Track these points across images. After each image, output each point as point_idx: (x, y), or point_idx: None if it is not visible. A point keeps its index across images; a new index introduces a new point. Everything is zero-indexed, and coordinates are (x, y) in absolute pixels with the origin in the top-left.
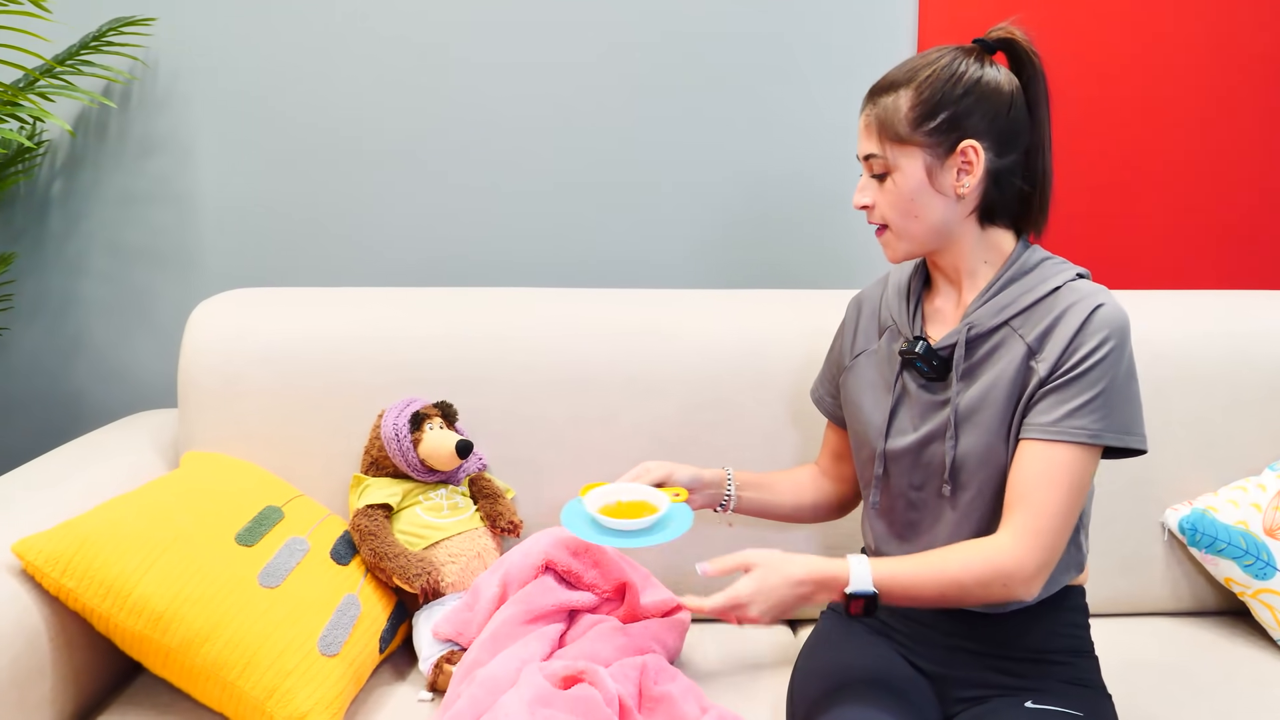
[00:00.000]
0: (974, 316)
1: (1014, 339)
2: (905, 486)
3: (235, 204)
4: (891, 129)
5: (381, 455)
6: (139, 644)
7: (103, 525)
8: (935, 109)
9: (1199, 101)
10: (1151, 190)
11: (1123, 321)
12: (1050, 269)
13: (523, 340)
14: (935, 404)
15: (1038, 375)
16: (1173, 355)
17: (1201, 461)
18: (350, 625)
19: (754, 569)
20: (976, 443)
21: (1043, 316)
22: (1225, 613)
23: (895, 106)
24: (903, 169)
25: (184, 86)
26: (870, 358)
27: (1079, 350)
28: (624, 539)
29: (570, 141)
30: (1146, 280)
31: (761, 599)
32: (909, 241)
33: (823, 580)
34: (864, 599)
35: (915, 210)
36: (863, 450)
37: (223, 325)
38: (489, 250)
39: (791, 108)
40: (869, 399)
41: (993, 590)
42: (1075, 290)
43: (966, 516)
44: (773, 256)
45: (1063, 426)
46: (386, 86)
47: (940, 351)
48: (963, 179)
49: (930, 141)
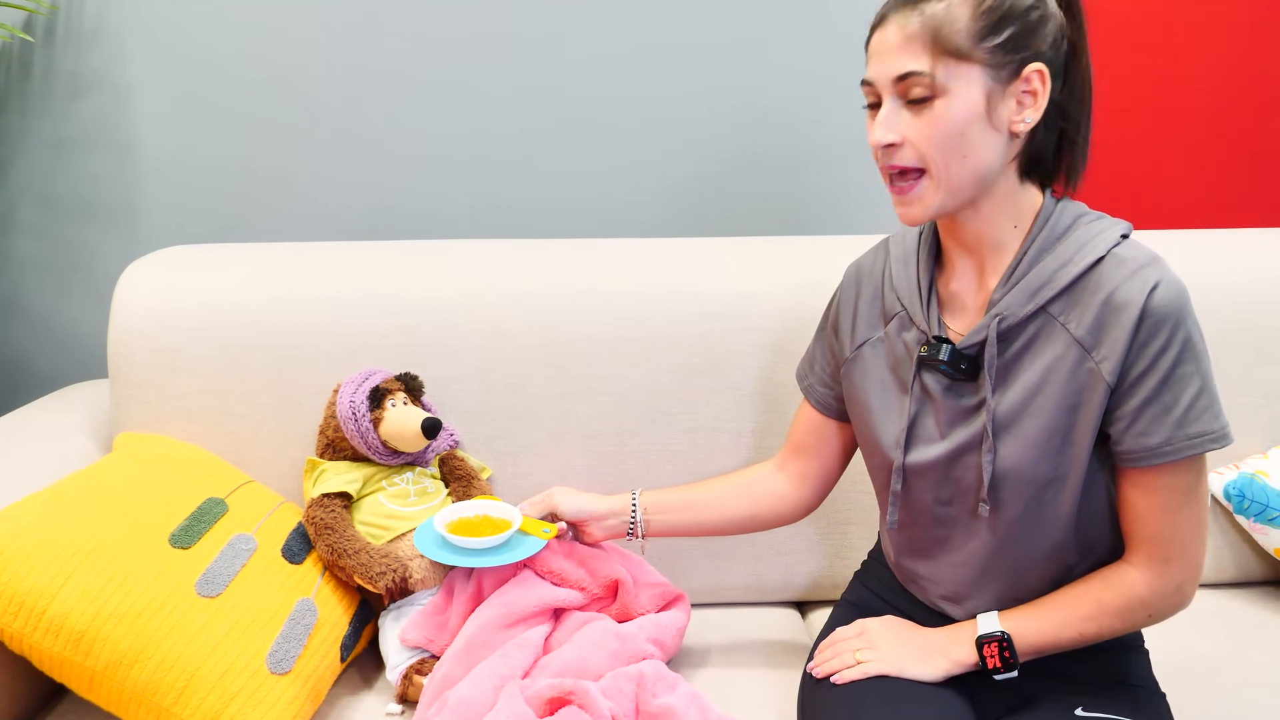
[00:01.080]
0: (1002, 304)
1: (1055, 329)
2: (930, 502)
3: (178, 150)
4: (948, 40)
5: (338, 436)
6: (59, 666)
7: (13, 530)
8: (1003, 20)
9: (1228, 19)
10: (1185, 116)
11: (1184, 298)
12: (1086, 232)
13: (495, 300)
14: (966, 409)
15: (1104, 382)
16: (1217, 302)
17: (1250, 421)
18: (305, 636)
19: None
20: (1022, 455)
21: (1088, 301)
22: (1270, 583)
23: (951, 14)
24: (957, 93)
25: (114, 19)
26: (876, 348)
27: (1150, 348)
28: (470, 557)
29: (531, 78)
30: (1177, 216)
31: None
32: (947, 193)
33: (951, 632)
34: (996, 641)
35: (965, 148)
36: (875, 458)
37: (157, 289)
38: (451, 199)
39: (786, 29)
40: (879, 401)
41: (1139, 619)
42: (1121, 263)
43: (1010, 537)
44: (767, 198)
45: (1177, 444)
46: (336, 19)
47: (967, 351)
48: (1024, 112)
49: (996, 60)
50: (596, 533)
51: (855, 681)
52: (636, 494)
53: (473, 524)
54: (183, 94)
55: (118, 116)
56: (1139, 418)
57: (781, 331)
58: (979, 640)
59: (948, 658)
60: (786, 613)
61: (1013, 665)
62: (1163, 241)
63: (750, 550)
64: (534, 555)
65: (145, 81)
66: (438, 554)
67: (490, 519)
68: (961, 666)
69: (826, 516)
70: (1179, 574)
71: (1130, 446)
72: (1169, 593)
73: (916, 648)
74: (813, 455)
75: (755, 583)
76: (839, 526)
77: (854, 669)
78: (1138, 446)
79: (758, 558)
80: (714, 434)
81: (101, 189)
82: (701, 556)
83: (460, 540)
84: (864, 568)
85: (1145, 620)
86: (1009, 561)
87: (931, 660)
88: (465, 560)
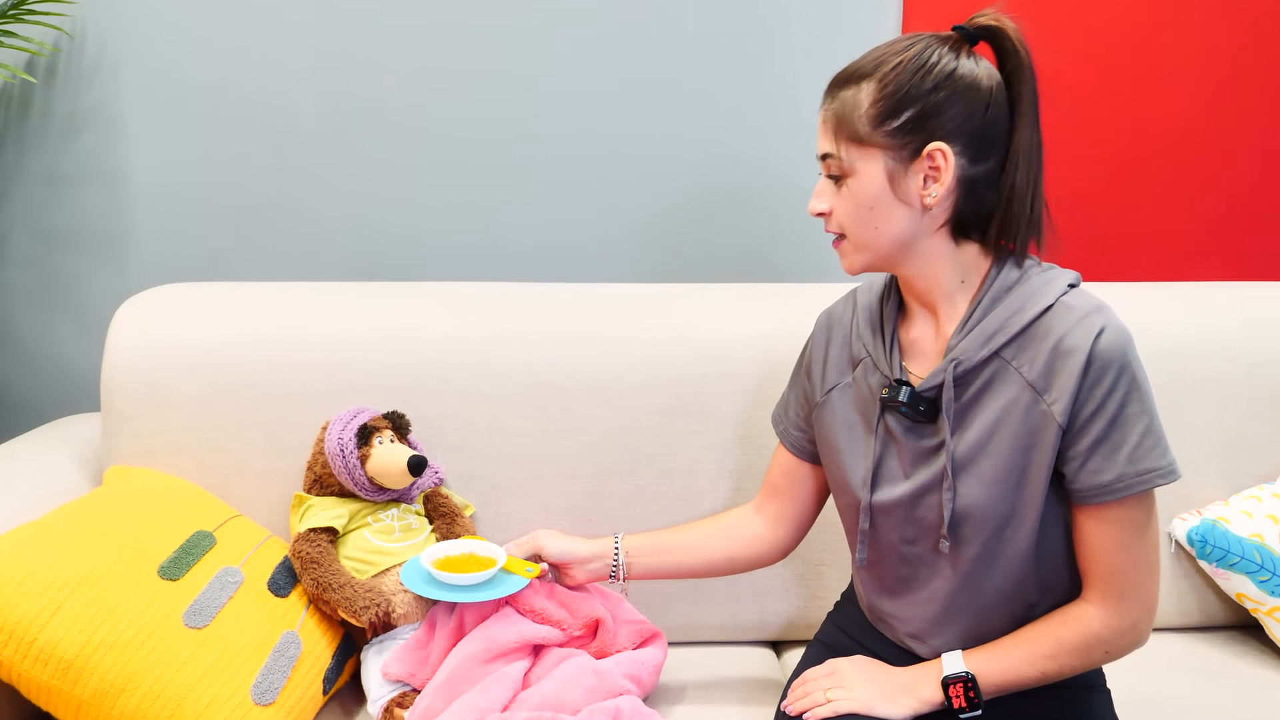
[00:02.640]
0: (958, 350)
1: (1009, 373)
2: (896, 541)
3: (168, 185)
4: (850, 126)
5: (326, 472)
6: (46, 695)
7: (4, 560)
8: (900, 105)
9: (1197, 72)
10: (1150, 171)
11: (1128, 343)
12: (1037, 281)
13: (479, 342)
14: (927, 450)
15: (1056, 423)
16: (1181, 353)
17: (1211, 468)
18: (289, 668)
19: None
20: (980, 494)
21: (1038, 346)
22: (1233, 627)
23: (855, 101)
24: (861, 173)
25: (112, 59)
26: (844, 393)
27: (1098, 390)
28: (455, 593)
29: (516, 129)
30: (1144, 269)
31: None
32: (867, 254)
33: (918, 671)
34: (961, 681)
35: (875, 220)
36: (844, 498)
37: (149, 326)
38: (436, 237)
39: (764, 88)
40: (847, 442)
41: (1096, 657)
42: (1069, 310)
43: (971, 575)
44: (739, 247)
45: (1128, 480)
46: (327, 58)
47: (925, 394)
48: (930, 187)
49: (893, 142)
50: (580, 575)
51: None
52: (619, 538)
53: (458, 561)
54: (174, 131)
55: (110, 152)
56: (1091, 456)
57: (758, 376)
58: (944, 680)
59: (915, 697)
60: (762, 652)
61: (977, 705)
62: (1129, 293)
63: (727, 591)
64: (516, 594)
65: (138, 118)
66: (423, 589)
67: (476, 557)
68: (928, 705)
69: (802, 558)
70: (1134, 611)
71: (1084, 484)
72: (1125, 629)
73: (885, 687)
74: (788, 498)
75: (731, 622)
76: (814, 568)
77: (825, 707)
78: (1091, 484)
79: (734, 598)
80: (693, 475)
81: (92, 222)
82: (679, 596)
83: (445, 576)
84: (836, 608)
85: (1103, 658)
86: (971, 599)
87: (899, 700)
88: (450, 595)
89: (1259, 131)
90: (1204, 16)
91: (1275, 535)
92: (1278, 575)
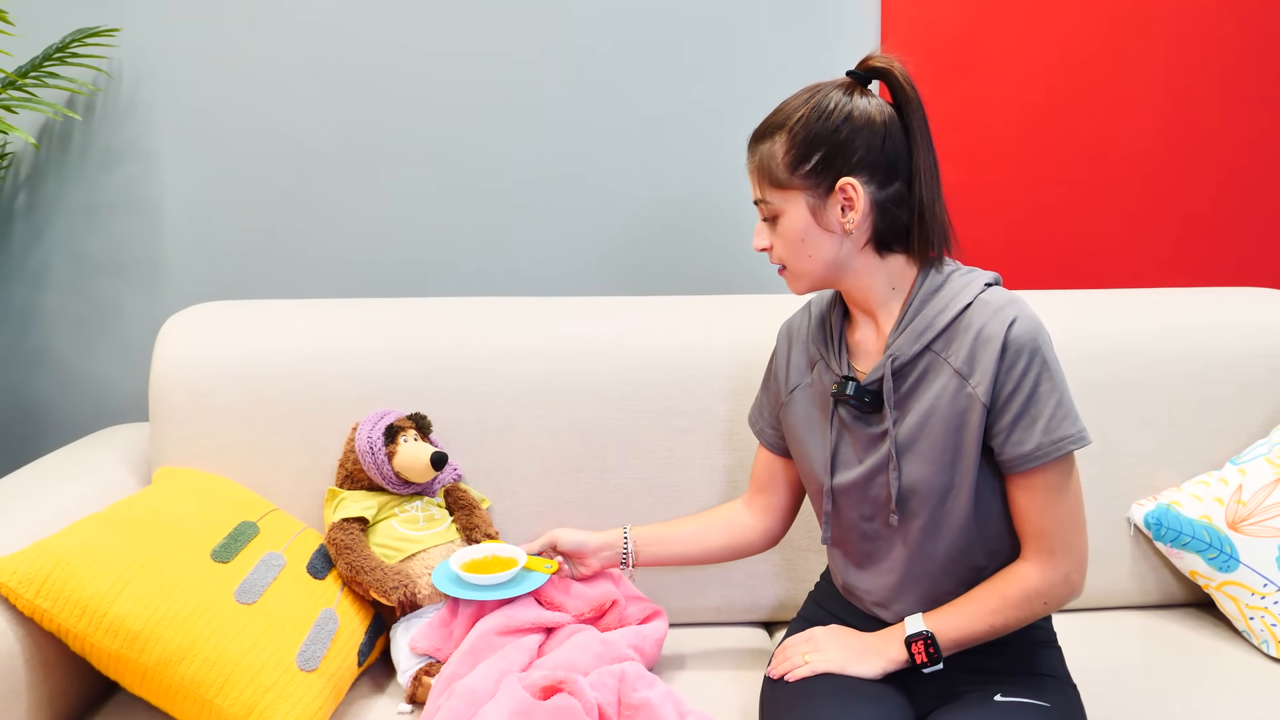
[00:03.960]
0: (895, 347)
1: (940, 364)
2: (856, 519)
3: (200, 213)
4: (771, 175)
5: (356, 468)
6: (115, 663)
7: (77, 545)
8: (809, 150)
9: (1158, 96)
10: (1112, 187)
11: (1038, 328)
12: (958, 283)
13: (494, 351)
14: (875, 436)
15: (980, 402)
16: (1137, 354)
17: (1165, 457)
18: (328, 640)
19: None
20: (921, 471)
21: (963, 338)
22: (1191, 605)
23: (772, 152)
24: (788, 213)
25: (146, 97)
26: (805, 392)
27: (1014, 372)
28: (481, 592)
29: (526, 153)
30: (1109, 278)
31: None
32: (807, 279)
33: (885, 635)
34: (922, 639)
35: (807, 250)
36: (811, 484)
37: (192, 340)
38: (443, 259)
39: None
40: (809, 434)
41: (1037, 608)
42: (986, 305)
43: (921, 544)
44: (725, 262)
45: (1046, 448)
46: (349, 93)
47: (869, 387)
48: (847, 215)
49: (809, 183)
50: (594, 564)
51: (808, 680)
52: (627, 529)
53: (482, 563)
54: (204, 163)
55: (145, 183)
56: (1013, 430)
57: (745, 378)
58: (907, 640)
59: (883, 656)
60: (755, 631)
61: (938, 659)
62: (1092, 299)
63: (722, 576)
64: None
65: (171, 152)
66: (454, 590)
67: (498, 558)
68: (895, 664)
69: (790, 545)
70: (1065, 564)
71: (1009, 455)
72: (1059, 581)
73: (856, 649)
74: (772, 491)
75: (726, 604)
76: (800, 554)
77: (803, 668)
78: (1015, 454)
79: (728, 583)
80: (687, 469)
81: (128, 249)
82: (678, 581)
83: (472, 577)
84: (816, 588)
85: (1043, 609)
86: (924, 566)
87: (869, 660)
88: (479, 594)
89: (1215, 153)
90: (1164, 46)
91: (1221, 517)
92: (1224, 553)
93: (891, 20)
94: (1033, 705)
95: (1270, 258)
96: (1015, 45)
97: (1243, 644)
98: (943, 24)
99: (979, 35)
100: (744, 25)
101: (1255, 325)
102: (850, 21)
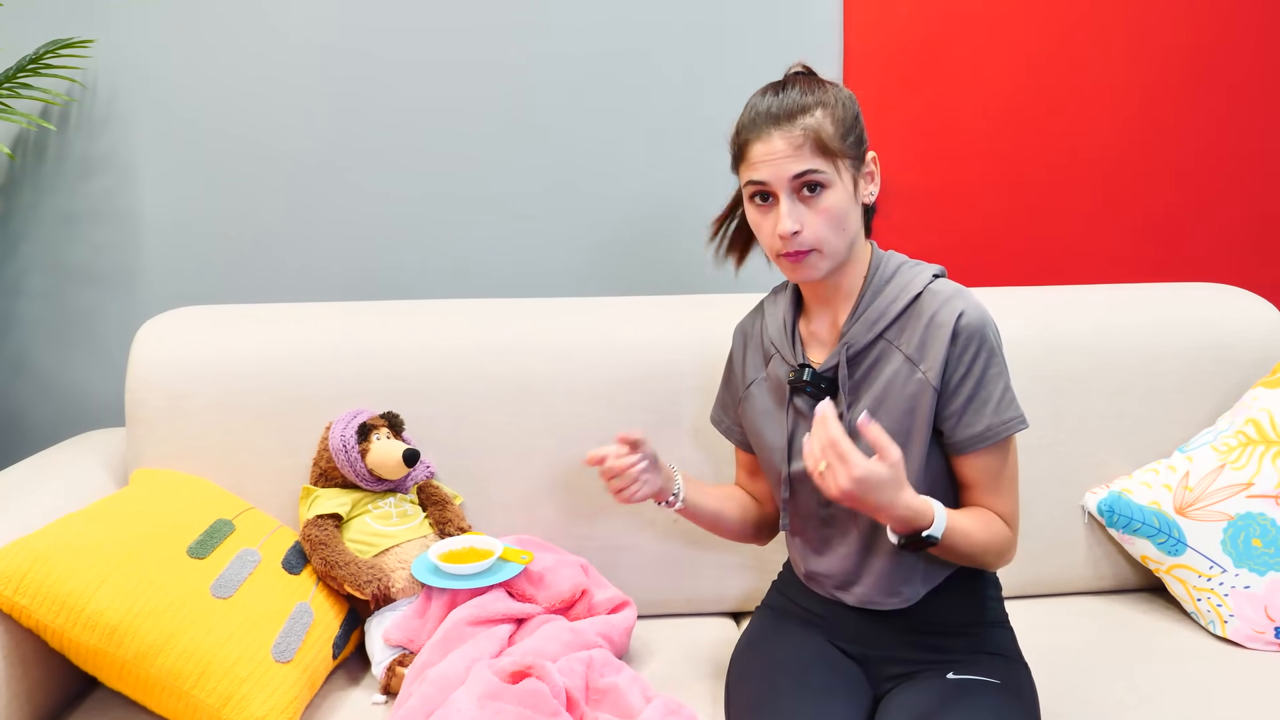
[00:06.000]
0: (850, 335)
1: (892, 351)
2: (814, 505)
3: (176, 221)
4: (827, 144)
5: (330, 466)
6: (94, 658)
7: (55, 542)
8: (852, 123)
9: (1117, 99)
10: (1072, 187)
11: (985, 318)
12: (907, 274)
13: (466, 350)
14: None
15: (931, 387)
16: (1091, 348)
17: (1117, 446)
18: (303, 632)
19: (893, 467)
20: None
21: (913, 325)
22: (1144, 589)
23: (821, 124)
24: (836, 185)
25: (122, 107)
26: (761, 386)
27: (964, 358)
28: (458, 580)
29: (503, 155)
30: (1070, 275)
31: (874, 487)
32: (832, 259)
33: (916, 510)
34: (925, 543)
35: (845, 222)
36: (770, 473)
37: (169, 343)
38: (419, 262)
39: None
40: (766, 425)
41: (993, 560)
42: (934, 295)
43: (876, 525)
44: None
45: (995, 429)
46: (321, 102)
47: (826, 374)
48: (869, 187)
49: (853, 153)
50: (644, 490)
51: (770, 673)
52: (678, 470)
53: (460, 554)
54: (180, 171)
55: (121, 192)
56: (965, 413)
57: (712, 375)
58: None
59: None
60: (723, 621)
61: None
62: (1047, 296)
63: (691, 568)
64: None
65: (147, 160)
66: (432, 579)
67: (475, 549)
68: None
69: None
70: (1016, 532)
71: (961, 436)
72: (1014, 547)
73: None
74: (758, 479)
75: (695, 596)
76: (767, 548)
77: (827, 476)
78: (967, 435)
79: (697, 574)
80: None
81: (105, 258)
82: (648, 573)
83: (450, 567)
84: (780, 577)
85: (995, 559)
86: (881, 545)
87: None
88: (457, 583)
89: (1172, 154)
90: (1122, 50)
91: (1169, 502)
92: (1172, 537)
93: (854, 27)
94: (983, 682)
95: (1222, 254)
96: (975, 50)
97: (1191, 625)
98: (904, 30)
99: (939, 41)
100: (709, 35)
101: (1204, 320)
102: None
